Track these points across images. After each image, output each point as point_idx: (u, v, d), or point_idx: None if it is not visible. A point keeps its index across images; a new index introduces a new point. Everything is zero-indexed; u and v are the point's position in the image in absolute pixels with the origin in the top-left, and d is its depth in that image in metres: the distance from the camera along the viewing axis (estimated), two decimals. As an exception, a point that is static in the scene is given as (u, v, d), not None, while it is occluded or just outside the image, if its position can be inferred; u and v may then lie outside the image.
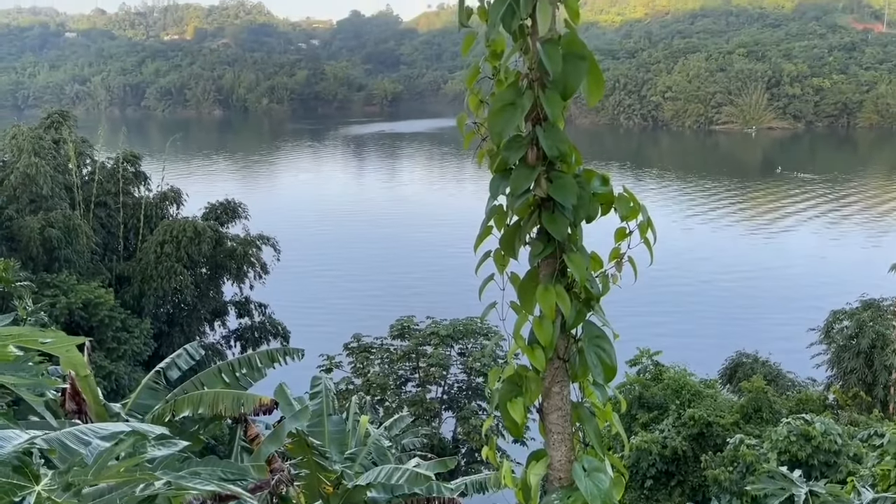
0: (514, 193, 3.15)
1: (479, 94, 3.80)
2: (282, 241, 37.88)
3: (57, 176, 31.94)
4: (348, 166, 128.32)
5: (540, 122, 3.12)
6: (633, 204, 3.35)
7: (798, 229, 73.04)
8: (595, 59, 3.11)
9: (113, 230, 34.12)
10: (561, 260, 3.20)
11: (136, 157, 36.88)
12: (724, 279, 54.96)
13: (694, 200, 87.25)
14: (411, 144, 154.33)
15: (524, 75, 3.19)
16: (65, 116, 36.71)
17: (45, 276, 27.42)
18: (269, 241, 36.74)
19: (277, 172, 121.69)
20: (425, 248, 64.13)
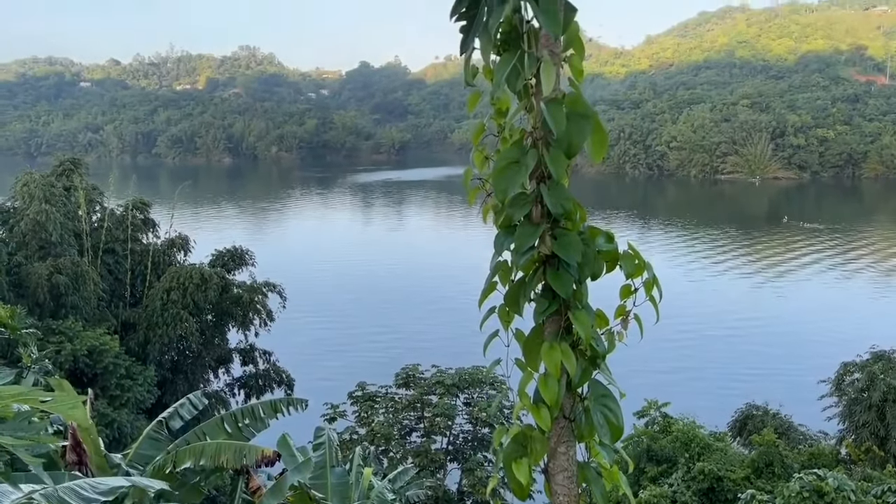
0: (519, 250, 3.14)
1: (484, 151, 3.84)
2: (288, 287, 37.89)
3: (67, 223, 32.20)
4: (356, 214, 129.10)
5: (544, 180, 3.13)
6: (639, 261, 3.34)
7: (805, 279, 72.71)
8: (598, 118, 3.13)
9: (120, 277, 34.23)
10: (566, 317, 3.18)
11: (145, 205, 37.20)
12: (731, 329, 54.53)
13: (700, 250, 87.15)
14: (418, 192, 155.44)
15: (528, 133, 3.22)
16: (76, 164, 37.18)
17: (52, 323, 27.42)
18: (276, 289, 36.74)
19: (285, 219, 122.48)
20: (431, 295, 64.00)
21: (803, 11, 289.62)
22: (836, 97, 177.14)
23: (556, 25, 2.95)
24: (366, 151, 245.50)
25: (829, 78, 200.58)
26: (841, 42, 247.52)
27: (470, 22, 3.32)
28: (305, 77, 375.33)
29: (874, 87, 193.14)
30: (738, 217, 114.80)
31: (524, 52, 3.03)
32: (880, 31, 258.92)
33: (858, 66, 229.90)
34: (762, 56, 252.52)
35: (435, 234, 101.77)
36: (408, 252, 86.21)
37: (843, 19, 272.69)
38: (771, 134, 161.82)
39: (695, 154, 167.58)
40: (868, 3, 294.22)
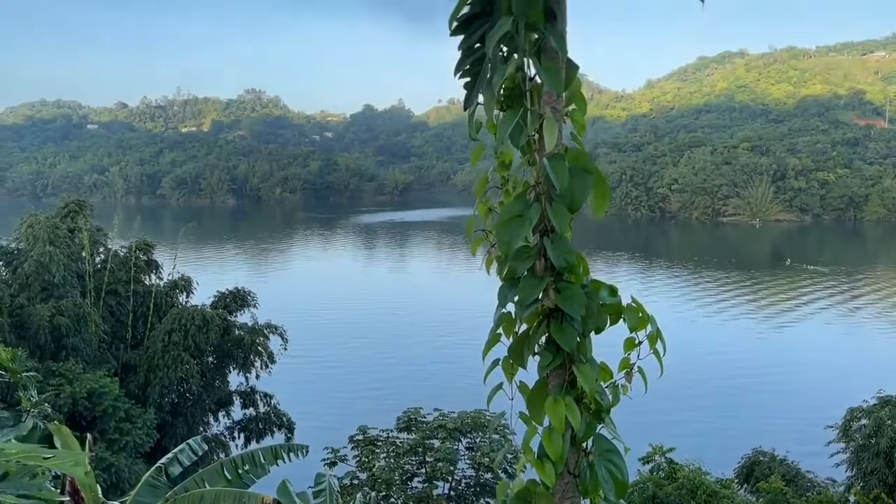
0: (523, 303, 3.15)
1: (487, 203, 3.87)
2: (289, 329, 37.74)
3: (70, 264, 32.28)
4: (358, 255, 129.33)
5: (548, 234, 3.15)
6: (642, 314, 3.35)
7: (810, 323, 72.35)
8: (601, 173, 3.17)
9: (122, 318, 34.17)
10: (570, 371, 3.17)
11: (148, 246, 37.30)
12: (736, 373, 54.09)
13: (704, 292, 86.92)
14: (421, 233, 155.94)
15: (532, 187, 3.25)
16: (81, 206, 37.41)
17: (52, 365, 27.29)
18: (277, 330, 36.59)
19: (288, 260, 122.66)
20: (434, 337, 63.73)
21: (801, 57, 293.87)
22: (836, 141, 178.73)
23: (559, 84, 3.00)
24: (369, 193, 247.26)
25: (829, 122, 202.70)
26: (839, 87, 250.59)
27: (474, 78, 3.38)
28: (310, 120, 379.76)
29: (874, 130, 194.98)
30: (742, 259, 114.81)
31: (527, 110, 3.08)
32: (878, 75, 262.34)
33: (857, 111, 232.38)
34: (761, 100, 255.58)
35: (437, 275, 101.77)
36: (410, 294, 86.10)
37: (841, 64, 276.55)
38: (772, 177, 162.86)
39: (696, 196, 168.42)
40: (865, 49, 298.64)
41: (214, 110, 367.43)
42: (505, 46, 3.23)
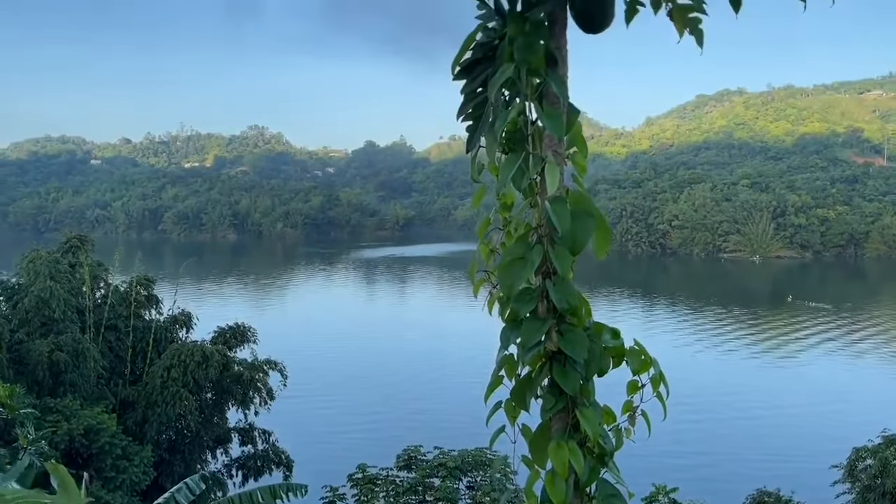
0: (525, 346, 3.14)
1: (489, 244, 3.89)
2: (289, 365, 37.52)
3: (70, 299, 32.24)
4: (359, 290, 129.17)
5: (550, 276, 3.16)
6: (645, 357, 3.34)
7: (813, 360, 71.93)
8: (602, 215, 3.19)
9: (121, 354, 34.01)
10: (573, 415, 3.15)
11: (149, 281, 37.29)
12: (739, 411, 53.62)
13: (706, 329, 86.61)
14: (422, 269, 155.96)
15: (534, 229, 3.26)
16: (83, 241, 37.49)
17: (49, 401, 27.08)
18: (277, 366, 36.39)
19: (288, 296, 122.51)
20: (434, 374, 63.36)
21: (799, 95, 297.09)
22: (835, 178, 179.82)
23: (560, 128, 3.04)
24: (370, 228, 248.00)
25: (827, 159, 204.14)
26: (837, 125, 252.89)
27: (476, 122, 3.42)
28: (312, 156, 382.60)
29: (872, 168, 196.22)
30: (743, 295, 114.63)
31: (529, 154, 3.11)
32: (876, 114, 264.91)
33: (856, 148, 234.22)
34: (760, 137, 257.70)
35: (438, 311, 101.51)
36: (410, 330, 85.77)
37: (839, 103, 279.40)
38: (772, 213, 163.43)
39: (697, 233, 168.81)
40: (862, 88, 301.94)
41: (217, 146, 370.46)
42: (507, 91, 3.28)
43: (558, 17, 3.23)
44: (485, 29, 3.39)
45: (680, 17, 3.80)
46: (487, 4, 3.30)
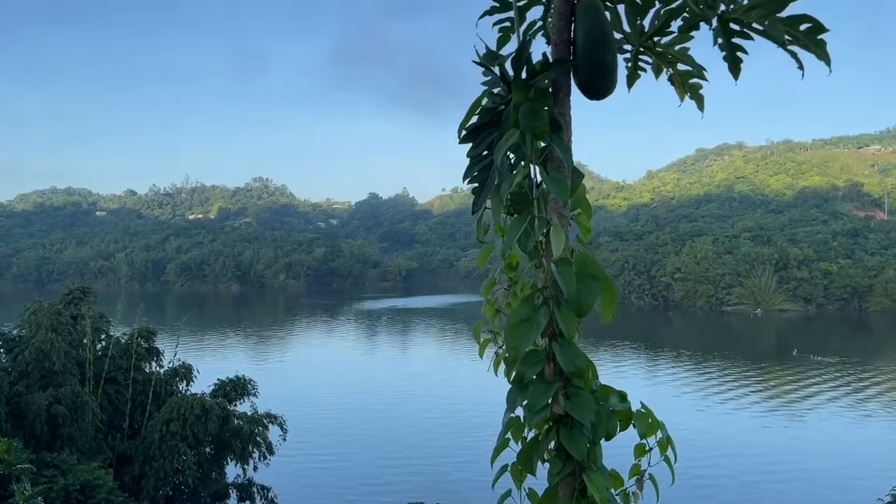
0: (532, 409, 3.12)
1: (494, 304, 3.90)
2: (289, 418, 37.14)
3: (71, 351, 32.10)
4: (360, 342, 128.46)
5: (556, 338, 3.16)
6: (652, 420, 3.32)
7: (820, 416, 70.94)
8: (608, 278, 3.21)
9: (120, 407, 33.68)
10: (581, 479, 3.11)
11: (150, 333, 37.18)
12: (746, 469, 52.65)
13: (711, 384, 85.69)
14: (424, 320, 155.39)
15: (539, 290, 3.28)
16: (85, 292, 37.52)
17: (46, 455, 26.72)
18: (277, 420, 36.00)
19: (289, 348, 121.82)
20: (436, 429, 62.48)
21: (798, 149, 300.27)
22: (837, 231, 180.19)
23: (565, 193, 3.08)
24: (372, 279, 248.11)
25: (828, 213, 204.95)
26: (837, 179, 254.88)
27: (482, 185, 3.47)
28: (316, 207, 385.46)
29: (873, 221, 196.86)
30: (747, 349, 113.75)
31: (534, 217, 3.14)
32: (875, 168, 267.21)
33: (856, 202, 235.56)
34: (760, 191, 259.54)
35: (440, 364, 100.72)
36: (412, 383, 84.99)
37: (838, 157, 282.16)
38: (774, 266, 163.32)
39: (699, 285, 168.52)
40: (860, 143, 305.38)
41: (222, 198, 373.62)
42: (512, 154, 3.34)
43: (562, 84, 3.31)
44: (490, 94, 3.47)
45: (680, 82, 3.89)
46: (493, 72, 3.38)
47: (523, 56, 3.30)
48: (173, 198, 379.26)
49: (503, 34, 4.05)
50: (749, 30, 3.29)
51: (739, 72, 3.47)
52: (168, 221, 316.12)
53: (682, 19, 3.57)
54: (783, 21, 3.12)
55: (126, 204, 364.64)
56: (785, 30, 3.14)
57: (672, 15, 3.53)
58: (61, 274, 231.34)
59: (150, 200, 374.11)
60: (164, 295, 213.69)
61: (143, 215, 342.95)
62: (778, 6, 3.02)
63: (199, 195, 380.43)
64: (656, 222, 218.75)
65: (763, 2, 3.06)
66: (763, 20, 3.14)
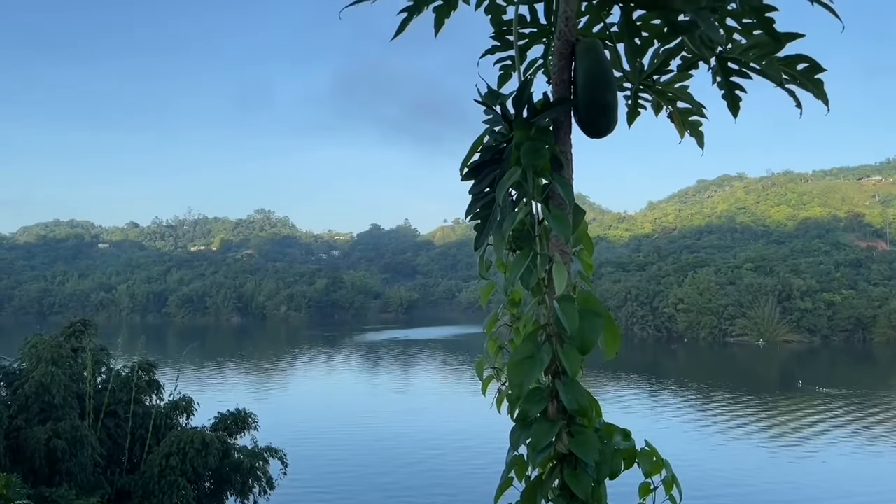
0: (536, 448, 3.10)
1: (497, 340, 3.89)
2: (290, 452, 36.80)
3: (71, 384, 31.93)
4: (361, 374, 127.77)
5: (559, 376, 3.15)
6: (656, 458, 3.29)
7: (828, 447, 70.17)
8: (610, 315, 3.21)
9: (119, 441, 33.40)
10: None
11: (151, 366, 37.02)
12: (754, 502, 51.97)
13: (715, 416, 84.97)
14: (425, 352, 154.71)
15: (542, 327, 3.28)
16: (86, 325, 37.43)
17: (44, 490, 26.43)
18: (278, 454, 35.68)
19: (290, 380, 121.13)
20: (440, 465, 61.83)
21: (799, 180, 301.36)
22: (839, 262, 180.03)
23: (567, 230, 3.10)
24: (374, 310, 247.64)
25: (830, 243, 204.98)
26: (838, 209, 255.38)
27: (484, 221, 3.49)
28: (318, 239, 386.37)
29: (875, 252, 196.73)
30: (752, 381, 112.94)
31: (536, 254, 3.15)
32: (876, 199, 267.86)
33: (857, 233, 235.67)
34: (762, 222, 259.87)
35: (442, 398, 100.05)
36: (414, 417, 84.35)
37: (838, 188, 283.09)
38: (777, 297, 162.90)
39: (702, 316, 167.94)
40: (861, 174, 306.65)
41: (224, 230, 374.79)
42: (514, 191, 3.36)
43: (563, 122, 3.35)
44: (492, 132, 3.51)
45: (680, 119, 3.93)
46: (494, 110, 3.42)
47: (524, 95, 3.34)
48: (175, 230, 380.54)
49: (504, 72, 4.11)
50: (747, 69, 3.34)
51: (738, 110, 3.51)
52: (170, 253, 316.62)
53: (680, 58, 3.62)
54: (780, 61, 3.16)
55: (129, 236, 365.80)
56: (782, 69, 3.18)
57: (670, 54, 3.58)
58: (62, 306, 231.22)
59: (152, 232, 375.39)
60: (165, 327, 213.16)
61: (146, 247, 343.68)
62: (775, 47, 3.06)
63: (201, 227, 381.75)
64: (658, 253, 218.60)
65: (760, 42, 3.11)
66: (760, 60, 3.18)
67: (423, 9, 3.31)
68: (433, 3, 3.34)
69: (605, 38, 3.62)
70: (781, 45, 3.05)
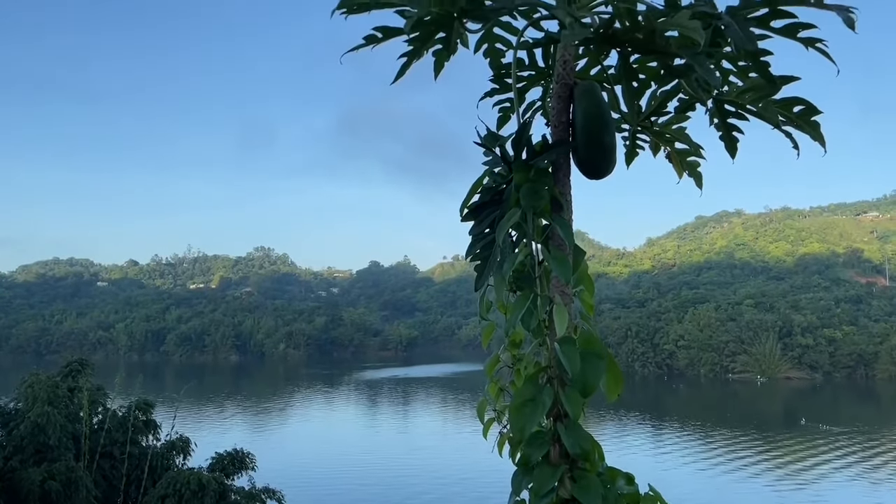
0: (538, 493, 3.06)
1: (498, 382, 3.86)
2: (288, 494, 36.21)
3: (67, 425, 31.55)
4: (361, 413, 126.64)
5: (561, 419, 3.12)
6: (660, 503, 3.24)
7: (834, 487, 69.27)
8: (612, 357, 3.19)
9: (115, 482, 32.87)
10: (589, 567, 3.02)
11: (148, 406, 36.60)
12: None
13: (719, 455, 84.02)
14: (425, 390, 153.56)
15: (543, 369, 3.25)
16: (83, 364, 37.10)
17: (38, 534, 26.00)
18: (275, 495, 35.09)
19: (288, 419, 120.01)
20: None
21: (796, 216, 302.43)
22: (839, 298, 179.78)
23: (567, 272, 3.09)
24: (373, 348, 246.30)
25: (830, 279, 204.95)
26: (836, 245, 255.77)
27: (484, 262, 3.48)
28: (317, 276, 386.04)
29: (875, 288, 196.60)
30: (755, 418, 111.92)
31: (537, 296, 3.14)
32: (874, 235, 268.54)
33: (857, 268, 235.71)
34: (761, 258, 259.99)
35: (442, 437, 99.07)
36: (413, 457, 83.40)
37: (836, 224, 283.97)
38: (778, 333, 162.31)
39: (703, 353, 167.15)
40: (858, 210, 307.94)
41: (223, 267, 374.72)
42: (514, 232, 3.37)
43: (562, 164, 3.37)
44: (491, 174, 3.52)
45: (678, 160, 3.95)
46: (493, 152, 3.44)
47: (523, 137, 3.37)
48: (175, 267, 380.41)
49: (503, 114, 4.15)
50: (743, 111, 3.37)
51: (736, 151, 3.53)
52: (169, 291, 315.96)
53: (677, 100, 3.66)
54: (777, 103, 3.19)
55: (128, 274, 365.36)
56: (779, 111, 3.20)
57: (668, 96, 3.61)
58: (60, 345, 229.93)
59: (151, 270, 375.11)
60: (163, 366, 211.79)
61: (145, 285, 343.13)
62: (771, 90, 3.09)
63: (200, 265, 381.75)
64: (658, 289, 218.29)
65: (756, 85, 3.14)
66: (757, 103, 3.21)
67: (423, 53, 3.35)
68: (432, 47, 3.38)
69: (603, 80, 3.66)
70: (777, 89, 3.08)
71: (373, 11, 3.06)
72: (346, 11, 3.03)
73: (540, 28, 3.43)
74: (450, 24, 3.18)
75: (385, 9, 3.02)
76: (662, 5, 2.83)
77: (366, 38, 3.17)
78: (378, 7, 3.00)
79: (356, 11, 3.04)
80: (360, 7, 3.01)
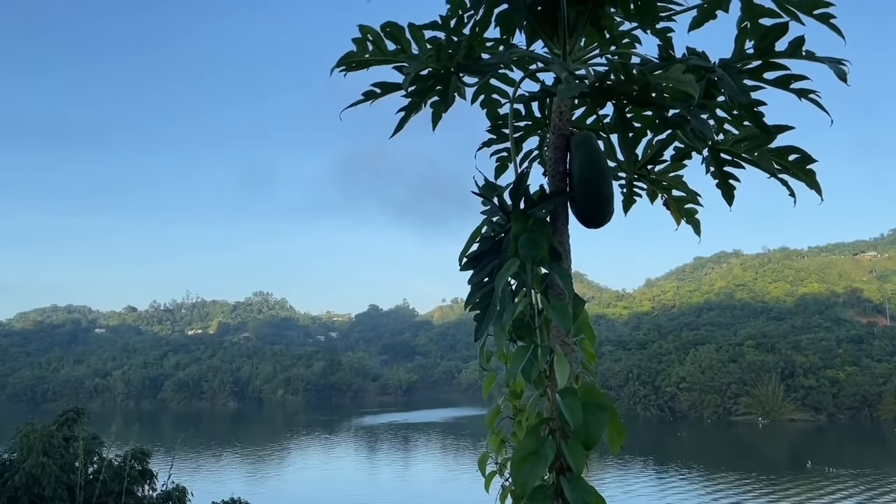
0: (541, 548, 2.99)
1: (500, 434, 3.81)
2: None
3: (62, 475, 31.04)
4: (360, 460, 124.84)
5: (564, 472, 3.07)
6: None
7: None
8: (615, 408, 3.16)
9: (109, 534, 32.28)
10: None
11: (144, 455, 36.04)
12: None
13: (726, 499, 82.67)
14: (425, 436, 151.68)
15: (545, 420, 3.21)
16: (79, 413, 36.64)
17: (29, 589, 25.35)
18: (273, 547, 34.45)
19: (286, 467, 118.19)
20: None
21: (795, 257, 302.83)
22: (841, 338, 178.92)
23: (567, 322, 3.08)
24: (372, 393, 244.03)
25: (830, 319, 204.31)
26: (836, 285, 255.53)
27: (483, 311, 3.47)
28: (316, 320, 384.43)
29: (876, 328, 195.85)
30: (759, 461, 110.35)
31: (537, 346, 3.13)
32: (873, 274, 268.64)
33: (857, 308, 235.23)
34: (761, 298, 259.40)
35: (442, 484, 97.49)
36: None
37: (835, 264, 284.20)
38: (780, 374, 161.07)
39: (706, 395, 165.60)
40: (857, 249, 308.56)
41: (221, 313, 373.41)
42: (513, 281, 3.36)
43: (560, 213, 3.38)
44: (489, 223, 3.53)
45: (676, 207, 3.97)
46: (492, 202, 3.46)
47: (521, 187, 3.38)
48: (173, 313, 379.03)
49: (501, 163, 4.18)
50: (739, 159, 3.40)
51: (733, 199, 3.55)
52: (167, 337, 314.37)
53: (673, 149, 3.69)
54: (772, 152, 3.22)
55: (126, 320, 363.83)
56: (774, 160, 3.23)
57: (664, 145, 3.65)
58: (56, 393, 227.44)
59: (149, 316, 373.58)
60: (160, 413, 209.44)
61: (143, 331, 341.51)
62: (766, 139, 3.12)
63: (199, 310, 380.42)
64: (658, 331, 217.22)
65: (751, 134, 3.17)
66: (752, 151, 3.24)
67: (422, 107, 3.39)
68: (430, 99, 3.42)
69: (599, 129, 3.70)
70: (773, 138, 3.12)
71: (371, 67, 3.11)
72: (345, 69, 3.08)
73: (536, 79, 3.48)
74: (447, 79, 3.22)
75: (383, 65, 3.07)
76: (657, 58, 2.87)
77: (365, 94, 3.21)
78: (377, 64, 3.05)
79: (355, 69, 3.09)
80: (358, 65, 3.06)
